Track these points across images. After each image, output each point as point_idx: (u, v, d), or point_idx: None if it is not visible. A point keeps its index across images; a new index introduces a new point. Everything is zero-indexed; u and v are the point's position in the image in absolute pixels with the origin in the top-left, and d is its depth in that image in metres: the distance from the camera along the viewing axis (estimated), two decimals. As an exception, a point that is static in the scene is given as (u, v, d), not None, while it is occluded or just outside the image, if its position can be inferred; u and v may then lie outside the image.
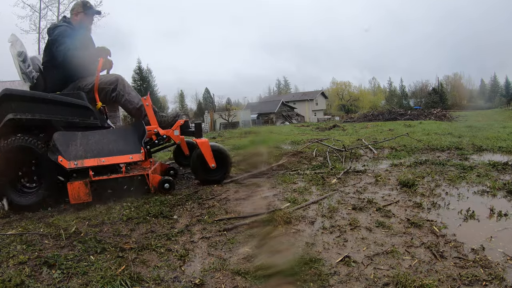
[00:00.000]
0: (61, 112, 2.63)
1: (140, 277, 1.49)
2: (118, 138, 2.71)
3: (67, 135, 2.59)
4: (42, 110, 2.58)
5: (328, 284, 1.42)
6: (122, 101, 2.99)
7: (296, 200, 2.44)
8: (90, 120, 2.73)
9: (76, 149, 2.54)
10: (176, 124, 3.02)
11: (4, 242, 1.83)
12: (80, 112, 2.70)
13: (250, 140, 6.70)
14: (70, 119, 2.67)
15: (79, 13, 3.02)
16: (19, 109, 2.53)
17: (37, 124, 2.62)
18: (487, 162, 3.23)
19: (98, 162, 2.53)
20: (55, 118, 2.61)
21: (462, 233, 1.82)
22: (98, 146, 2.61)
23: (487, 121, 11.41)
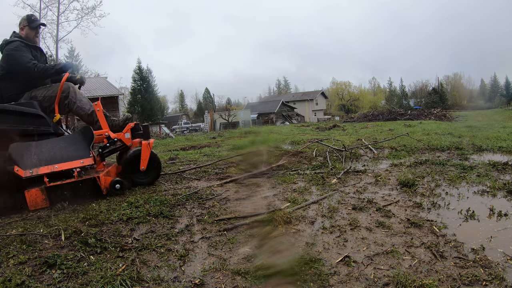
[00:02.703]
0: (15, 121, 2.70)
1: (140, 277, 1.49)
2: (69, 144, 2.80)
3: (22, 146, 2.65)
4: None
5: (328, 284, 1.42)
6: (74, 108, 3.09)
7: (296, 200, 2.44)
8: (42, 127, 2.81)
9: (31, 158, 2.61)
10: (127, 127, 3.13)
11: (4, 242, 1.83)
12: (33, 120, 2.78)
13: (250, 140, 6.70)
14: (24, 127, 2.73)
15: (24, 27, 3.14)
16: None
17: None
18: (487, 162, 3.23)
19: (51, 169, 2.61)
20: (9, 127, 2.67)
21: (462, 233, 1.82)
22: (51, 154, 2.69)
23: (487, 121, 11.41)
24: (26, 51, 3.03)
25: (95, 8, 14.59)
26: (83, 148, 2.77)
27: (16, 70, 2.94)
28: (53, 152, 2.70)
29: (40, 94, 3.02)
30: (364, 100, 53.99)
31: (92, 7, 14.60)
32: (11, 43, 3.02)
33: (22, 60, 2.93)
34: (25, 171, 2.54)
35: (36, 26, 3.20)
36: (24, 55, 2.98)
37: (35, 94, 3.01)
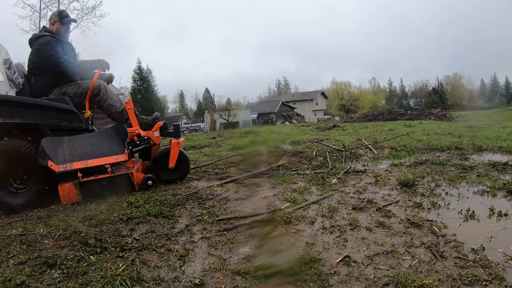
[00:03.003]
0: (49, 116, 2.74)
1: (140, 277, 1.49)
2: (102, 140, 2.84)
3: (55, 140, 2.68)
4: (30, 114, 2.67)
5: (328, 284, 1.42)
6: (104, 105, 3.11)
7: (296, 200, 2.44)
8: (75, 123, 2.86)
9: (63, 153, 2.65)
10: (156, 126, 3.17)
11: (5, 242, 1.82)
12: (66, 116, 2.82)
13: (250, 140, 6.70)
14: (57, 122, 2.77)
15: (55, 23, 3.16)
16: (5, 114, 2.60)
17: (25, 128, 2.70)
18: (487, 162, 3.23)
19: (85, 164, 2.66)
20: (42, 122, 2.71)
21: (462, 233, 1.81)
22: (84, 149, 2.72)
23: (487, 121, 11.41)
24: (58, 46, 3.03)
25: (95, 8, 14.56)
26: (117, 144, 2.82)
27: (47, 64, 2.94)
28: (87, 148, 2.75)
29: (71, 90, 3.03)
30: (364, 100, 53.97)
31: (92, 7, 14.57)
32: (41, 38, 3.02)
33: (53, 55, 2.94)
34: (58, 165, 2.57)
35: (67, 22, 3.22)
36: (56, 50, 2.98)
37: (66, 90, 3.02)
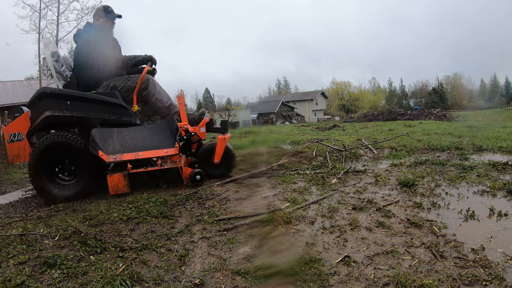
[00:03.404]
0: (98, 110, 2.79)
1: (140, 277, 1.49)
2: (153, 133, 2.88)
3: (104, 131, 2.75)
4: (79, 108, 2.73)
5: (328, 284, 1.42)
6: (152, 100, 3.13)
7: (296, 200, 2.44)
8: (124, 118, 2.90)
9: (113, 144, 2.71)
10: (203, 121, 3.20)
11: (5, 242, 1.82)
12: (116, 110, 2.87)
13: (250, 140, 6.70)
14: (106, 116, 2.82)
15: (100, 18, 3.20)
16: (55, 107, 2.67)
17: (74, 121, 2.77)
18: (487, 162, 3.23)
19: (135, 156, 2.71)
20: (92, 116, 2.76)
21: (462, 233, 1.81)
22: (134, 141, 2.78)
23: (487, 121, 11.41)
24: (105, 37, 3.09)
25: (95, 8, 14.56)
26: (167, 138, 2.85)
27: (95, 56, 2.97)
28: (137, 140, 2.80)
29: (120, 84, 3.05)
30: (364, 100, 53.95)
31: (92, 7, 14.55)
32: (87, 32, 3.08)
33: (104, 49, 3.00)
34: (108, 156, 2.63)
35: (112, 17, 3.24)
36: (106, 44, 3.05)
37: (114, 84, 3.05)
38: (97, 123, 2.78)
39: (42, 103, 2.70)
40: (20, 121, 2.87)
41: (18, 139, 2.84)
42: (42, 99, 2.70)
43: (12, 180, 4.28)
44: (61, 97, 2.71)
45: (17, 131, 2.85)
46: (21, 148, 2.85)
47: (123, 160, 2.69)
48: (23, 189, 3.61)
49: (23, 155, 2.85)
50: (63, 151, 2.71)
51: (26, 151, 2.84)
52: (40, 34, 13.69)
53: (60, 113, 2.68)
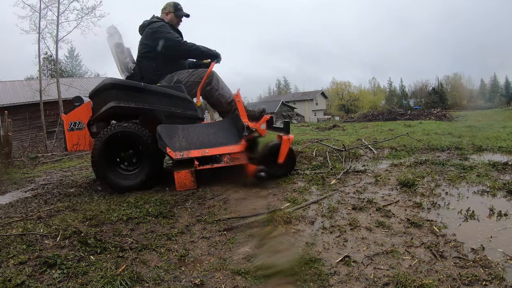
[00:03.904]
0: (164, 103, 2.81)
1: (140, 277, 1.49)
2: (218, 131, 2.91)
3: (169, 128, 2.78)
4: (145, 99, 2.76)
5: (328, 284, 1.42)
6: (215, 95, 3.13)
7: (296, 200, 2.44)
8: (189, 112, 2.91)
9: (179, 141, 2.75)
10: (263, 119, 3.16)
11: (4, 242, 1.82)
12: (181, 103, 2.88)
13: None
14: (172, 110, 2.84)
15: (169, 13, 3.23)
16: (121, 98, 2.70)
17: (139, 113, 2.80)
18: (487, 162, 3.23)
19: (202, 153, 2.73)
20: (158, 108, 2.79)
21: (462, 233, 1.81)
22: (200, 138, 2.81)
23: (487, 121, 11.41)
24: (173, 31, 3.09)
25: (95, 8, 14.54)
26: (232, 135, 2.88)
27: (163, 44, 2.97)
28: (202, 137, 2.82)
29: (184, 78, 3.06)
30: (364, 100, 53.94)
31: (92, 7, 14.56)
32: (155, 23, 3.08)
33: (170, 36, 2.99)
34: (175, 152, 2.65)
35: (181, 15, 3.29)
36: (171, 32, 3.04)
37: (178, 78, 3.07)
38: (163, 115, 2.81)
39: (107, 94, 2.74)
40: (81, 110, 2.93)
41: (78, 128, 2.91)
42: (108, 89, 2.74)
43: (12, 180, 4.28)
44: (127, 88, 2.75)
45: (78, 120, 2.91)
46: (81, 137, 2.92)
47: (190, 157, 2.71)
48: (23, 189, 3.61)
49: (83, 143, 2.93)
50: (129, 141, 2.76)
51: (86, 140, 2.92)
52: (40, 34, 13.69)
53: (126, 104, 2.71)
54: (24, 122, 17.58)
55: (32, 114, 17.51)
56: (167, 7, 3.26)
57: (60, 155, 7.24)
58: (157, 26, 3.04)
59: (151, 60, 3.06)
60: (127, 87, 2.76)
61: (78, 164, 5.40)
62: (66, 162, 5.94)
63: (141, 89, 2.77)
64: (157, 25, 3.04)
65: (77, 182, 3.60)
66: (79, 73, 32.59)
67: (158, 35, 2.99)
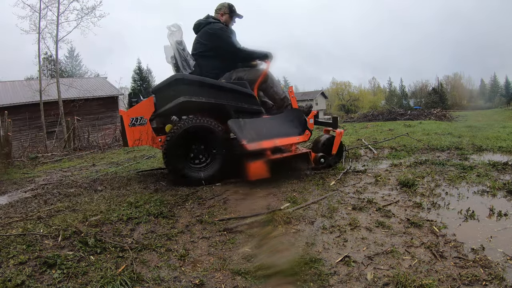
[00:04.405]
0: (233, 98, 2.96)
1: (140, 277, 1.49)
2: (282, 123, 3.11)
3: (239, 121, 2.92)
4: (215, 95, 2.89)
5: (328, 284, 1.42)
6: (270, 92, 3.36)
7: (296, 200, 2.44)
8: (254, 107, 3.07)
9: (250, 133, 2.86)
10: (311, 114, 3.36)
11: (4, 242, 1.82)
12: (247, 99, 3.03)
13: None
14: (239, 105, 2.98)
15: (224, 14, 3.35)
16: (191, 93, 2.79)
17: (209, 108, 2.90)
18: (487, 162, 3.23)
19: (273, 143, 2.90)
20: (228, 103, 2.92)
21: (462, 233, 1.82)
22: (268, 130, 2.97)
23: (487, 121, 11.41)
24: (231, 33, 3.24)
25: (95, 8, 14.53)
26: (296, 126, 3.10)
27: (224, 48, 3.16)
28: (270, 129, 2.99)
29: (242, 76, 3.22)
30: (364, 100, 53.91)
31: (92, 7, 14.54)
32: (214, 24, 3.22)
33: (231, 41, 3.17)
34: (249, 144, 2.77)
35: (235, 16, 3.43)
36: (231, 36, 3.20)
37: (237, 76, 3.24)
38: (232, 110, 2.94)
39: (176, 89, 2.80)
40: (143, 105, 2.99)
41: (140, 123, 2.97)
42: (177, 85, 2.81)
43: (12, 180, 4.28)
44: (198, 84, 2.85)
45: (140, 115, 2.97)
46: (143, 132, 2.98)
47: (262, 148, 2.84)
48: (23, 189, 3.61)
49: (145, 139, 2.99)
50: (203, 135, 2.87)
51: (149, 136, 2.99)
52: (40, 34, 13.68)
53: (196, 99, 2.79)
54: (24, 122, 17.59)
55: (32, 114, 17.51)
56: (222, 8, 3.38)
57: (60, 155, 7.24)
58: (217, 28, 3.19)
59: (209, 58, 3.20)
60: (198, 83, 2.86)
61: (78, 164, 5.40)
62: (66, 162, 5.94)
63: (212, 84, 2.90)
64: (217, 27, 3.19)
65: (77, 182, 3.60)
66: (79, 73, 32.61)
67: (219, 38, 3.15)
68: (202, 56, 3.19)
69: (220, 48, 3.15)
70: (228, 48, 3.15)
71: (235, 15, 3.41)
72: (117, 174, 3.89)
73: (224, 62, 3.24)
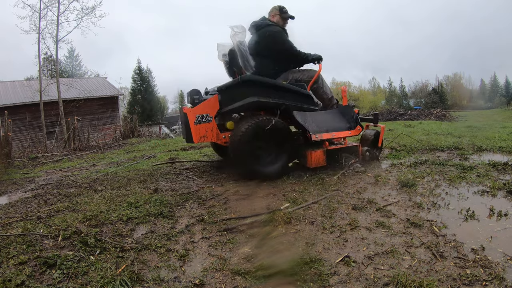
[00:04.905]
0: (295, 99, 3.21)
1: (140, 277, 1.49)
2: (337, 118, 3.42)
3: (302, 114, 3.20)
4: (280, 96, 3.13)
5: (328, 284, 1.42)
6: (319, 92, 3.61)
7: (296, 200, 2.44)
8: (312, 106, 3.34)
9: (312, 126, 3.15)
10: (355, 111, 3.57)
11: (4, 242, 1.83)
12: (305, 99, 3.30)
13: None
14: (299, 104, 3.23)
15: (276, 16, 3.55)
16: (260, 94, 3.04)
17: (274, 107, 3.13)
18: (487, 162, 3.23)
19: (330, 136, 3.23)
20: (291, 103, 3.17)
21: (462, 233, 1.81)
22: (327, 124, 3.26)
23: (487, 121, 11.40)
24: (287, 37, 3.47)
25: (95, 8, 14.53)
26: (349, 122, 3.39)
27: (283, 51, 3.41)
28: (328, 123, 3.30)
29: (297, 77, 3.52)
30: (364, 100, 53.85)
31: (92, 7, 14.54)
32: (272, 26, 3.44)
33: (290, 45, 3.42)
34: (313, 135, 3.08)
35: (287, 17, 3.61)
36: (289, 40, 3.45)
37: (293, 77, 3.52)
38: (294, 110, 3.16)
39: (245, 89, 3.02)
40: (208, 103, 3.14)
41: (206, 121, 3.12)
42: (247, 86, 3.02)
43: (12, 180, 4.28)
44: (265, 85, 3.08)
45: (205, 113, 3.12)
46: (209, 129, 3.14)
47: (323, 139, 3.15)
48: (23, 189, 3.61)
49: (210, 135, 3.16)
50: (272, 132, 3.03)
51: (214, 132, 3.16)
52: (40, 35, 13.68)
53: (264, 99, 3.03)
54: (24, 122, 17.59)
55: (32, 114, 17.51)
56: (273, 10, 3.59)
57: (60, 155, 7.24)
58: (275, 31, 3.40)
59: (266, 58, 3.39)
60: (266, 84, 3.09)
61: (78, 164, 5.40)
62: (66, 162, 5.94)
63: (277, 86, 3.14)
64: (275, 30, 3.40)
65: (77, 182, 3.60)
66: (79, 73, 32.58)
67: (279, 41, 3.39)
68: (260, 56, 3.37)
69: (279, 51, 3.38)
70: (287, 51, 3.39)
71: (286, 15, 3.59)
72: (117, 174, 3.89)
73: (280, 63, 3.46)
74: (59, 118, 13.98)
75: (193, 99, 3.21)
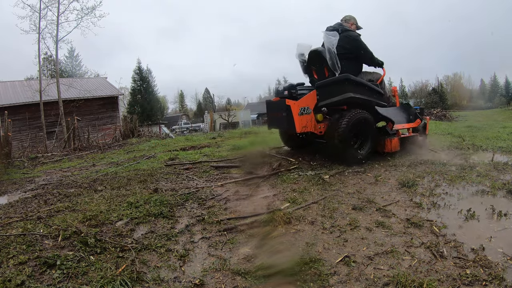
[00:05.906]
0: (374, 96, 3.71)
1: (140, 277, 1.49)
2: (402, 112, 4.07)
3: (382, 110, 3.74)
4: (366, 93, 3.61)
5: (328, 284, 1.42)
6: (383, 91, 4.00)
7: (296, 200, 2.44)
8: (383, 102, 3.82)
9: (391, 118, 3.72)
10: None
11: (4, 242, 1.82)
12: (381, 97, 3.81)
13: (250, 141, 6.70)
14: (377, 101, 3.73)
15: (353, 24, 4.00)
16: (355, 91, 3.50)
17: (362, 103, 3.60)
18: (487, 162, 3.23)
19: (402, 126, 3.88)
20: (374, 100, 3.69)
21: (462, 233, 1.81)
22: (396, 117, 3.83)
23: (487, 121, 11.39)
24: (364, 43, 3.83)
25: (95, 8, 14.50)
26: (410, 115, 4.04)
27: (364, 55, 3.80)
28: (398, 116, 3.93)
29: (370, 77, 3.99)
30: (364, 100, 53.79)
31: (92, 7, 14.52)
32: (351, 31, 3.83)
33: (368, 49, 3.82)
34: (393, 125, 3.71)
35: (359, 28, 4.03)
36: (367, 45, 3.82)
37: (367, 78, 3.96)
38: (374, 105, 3.67)
39: (343, 86, 3.46)
40: (308, 98, 3.62)
41: (306, 113, 3.58)
42: (345, 83, 3.45)
43: (12, 180, 4.28)
44: (359, 84, 3.55)
45: (306, 106, 3.58)
46: (309, 120, 3.59)
47: (397, 129, 3.76)
48: (23, 189, 3.61)
49: (310, 126, 3.60)
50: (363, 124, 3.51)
51: (312, 123, 3.60)
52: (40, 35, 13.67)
53: (357, 95, 3.49)
54: (24, 122, 17.58)
55: (32, 114, 17.50)
56: (351, 19, 4.02)
57: (60, 155, 7.24)
58: (355, 36, 3.79)
59: (349, 60, 3.72)
60: (359, 83, 3.55)
61: (78, 164, 5.40)
62: (66, 162, 5.94)
63: (366, 85, 3.59)
64: (355, 35, 3.79)
65: (77, 182, 3.60)
66: (79, 73, 32.58)
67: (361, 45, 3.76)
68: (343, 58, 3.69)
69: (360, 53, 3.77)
70: (366, 54, 3.79)
71: (359, 26, 4.04)
72: (117, 174, 3.89)
73: (357, 64, 3.85)
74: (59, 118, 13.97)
75: (291, 93, 3.65)
